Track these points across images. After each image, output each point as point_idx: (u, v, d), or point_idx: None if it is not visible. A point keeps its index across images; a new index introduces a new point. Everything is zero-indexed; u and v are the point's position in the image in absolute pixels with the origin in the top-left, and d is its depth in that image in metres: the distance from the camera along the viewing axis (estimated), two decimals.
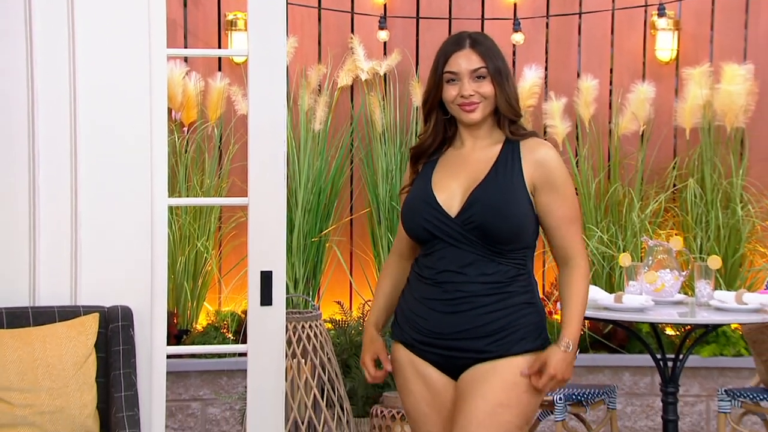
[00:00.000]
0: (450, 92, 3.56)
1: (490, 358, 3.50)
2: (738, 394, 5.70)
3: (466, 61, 3.54)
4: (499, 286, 3.51)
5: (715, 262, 5.66)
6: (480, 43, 3.57)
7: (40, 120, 4.66)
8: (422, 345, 3.58)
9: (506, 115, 3.56)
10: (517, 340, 3.50)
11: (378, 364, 3.76)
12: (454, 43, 3.58)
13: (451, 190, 3.54)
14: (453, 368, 3.56)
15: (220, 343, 6.84)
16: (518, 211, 3.51)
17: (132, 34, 4.70)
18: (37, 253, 4.67)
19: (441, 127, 3.63)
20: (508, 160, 3.55)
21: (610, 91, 7.54)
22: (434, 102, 3.61)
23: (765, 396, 5.65)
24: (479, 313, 3.50)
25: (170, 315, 6.84)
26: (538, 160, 3.54)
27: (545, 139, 3.78)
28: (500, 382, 3.48)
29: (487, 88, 3.54)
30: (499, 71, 3.54)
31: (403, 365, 3.64)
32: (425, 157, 3.64)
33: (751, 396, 5.68)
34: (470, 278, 3.50)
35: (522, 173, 3.53)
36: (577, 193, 7.24)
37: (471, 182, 3.53)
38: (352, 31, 7.44)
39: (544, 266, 7.37)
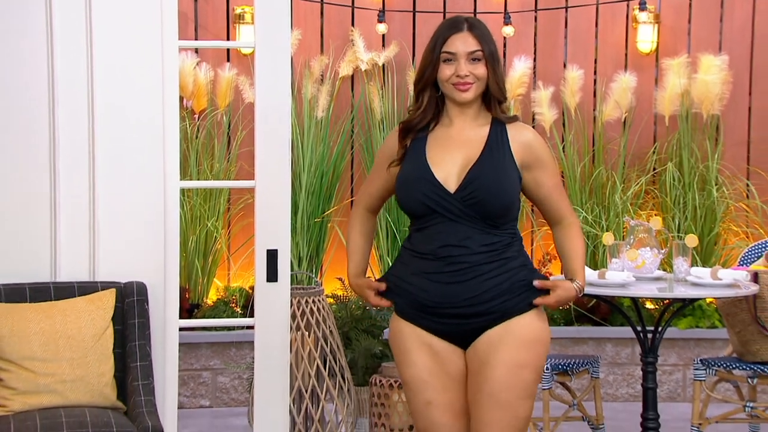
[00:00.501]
0: (446, 72, 3.54)
1: (499, 321, 3.49)
2: (712, 363, 5.71)
3: (463, 43, 3.53)
4: (497, 254, 3.51)
5: (691, 240, 5.66)
6: (477, 27, 3.56)
7: (59, 108, 4.66)
8: (427, 317, 3.54)
9: (496, 97, 3.56)
10: (522, 298, 3.52)
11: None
12: (452, 26, 3.57)
13: (447, 168, 3.53)
14: (462, 336, 3.53)
15: (229, 317, 6.85)
16: (511, 188, 3.52)
17: (145, 26, 4.70)
18: (57, 232, 4.67)
19: (434, 105, 3.60)
20: (498, 140, 3.55)
21: (595, 80, 7.53)
22: (429, 80, 3.58)
23: (737, 365, 5.66)
24: (482, 280, 3.49)
25: (182, 290, 6.85)
26: (525, 142, 3.57)
27: (533, 126, 3.80)
28: (516, 342, 3.49)
29: (481, 70, 3.53)
30: (492, 55, 3.54)
31: (404, 338, 3.59)
32: (413, 132, 3.61)
33: (724, 365, 5.69)
34: (471, 250, 3.49)
35: (512, 153, 3.54)
36: (563, 176, 7.30)
37: (466, 160, 3.52)
38: (353, 24, 7.44)
39: (532, 244, 7.38)
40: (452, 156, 3.55)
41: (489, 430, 3.48)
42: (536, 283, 3.54)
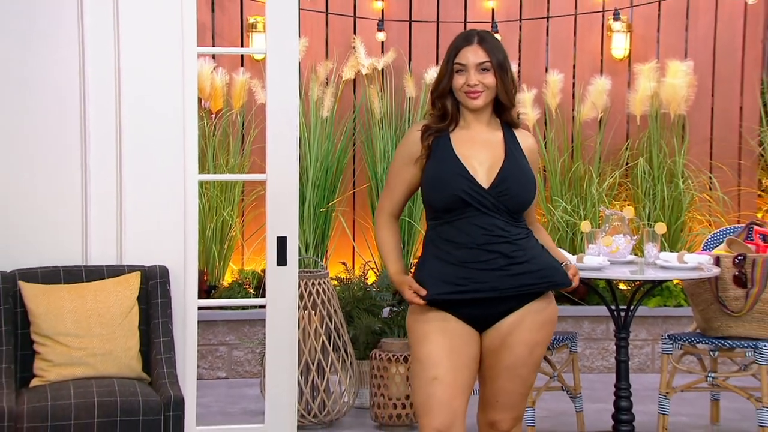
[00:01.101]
0: (458, 81, 3.53)
1: (520, 305, 3.51)
2: (678, 338, 5.72)
3: (473, 55, 3.52)
4: (523, 243, 3.52)
5: (660, 228, 5.67)
6: (486, 40, 3.55)
7: (90, 107, 4.66)
8: (459, 304, 3.50)
9: (504, 103, 3.56)
10: (541, 285, 3.53)
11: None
12: (464, 39, 3.57)
13: (475, 166, 3.51)
14: (485, 319, 3.52)
15: (243, 297, 6.85)
16: (532, 185, 3.56)
17: (167, 34, 4.70)
18: (88, 220, 4.68)
19: (455, 110, 3.58)
20: (513, 144, 3.57)
21: (573, 83, 7.53)
22: (445, 89, 3.57)
23: (701, 339, 5.67)
24: (516, 270, 3.49)
25: (200, 273, 6.86)
26: (530, 147, 3.62)
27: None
28: (533, 325, 3.52)
29: (489, 79, 3.52)
30: (501, 65, 3.53)
31: (428, 319, 3.52)
32: (434, 133, 3.57)
33: (689, 340, 5.70)
34: (505, 239, 3.49)
35: (524, 155, 3.58)
36: (545, 170, 7.31)
37: (493, 159, 3.52)
38: (355, 32, 7.43)
39: None
40: (478, 155, 3.53)
41: (505, 397, 3.54)
42: (571, 273, 3.62)
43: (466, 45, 3.55)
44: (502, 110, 3.59)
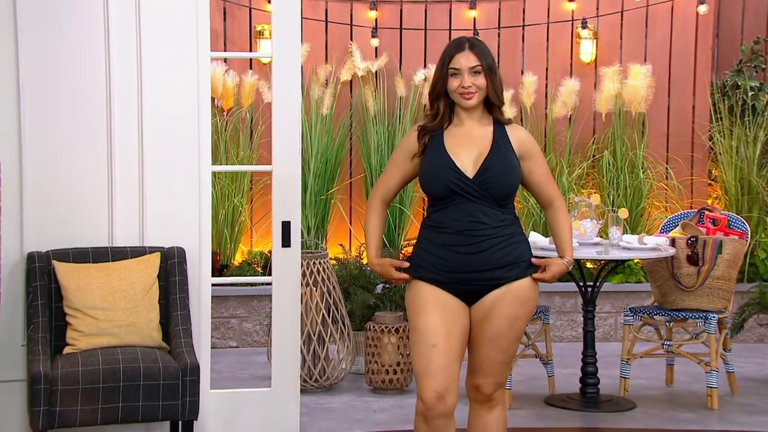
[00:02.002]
0: (453, 83, 3.53)
1: (503, 284, 3.50)
2: (638, 311, 5.74)
3: (466, 59, 3.51)
4: (505, 229, 3.51)
5: (623, 213, 5.68)
6: (476, 46, 3.55)
7: (115, 106, 4.65)
8: (447, 281, 3.50)
9: (494, 102, 3.55)
10: (524, 267, 3.52)
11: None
12: (456, 46, 3.55)
13: (463, 158, 3.51)
14: (471, 295, 3.51)
15: (251, 275, 6.86)
16: (515, 174, 3.53)
17: (184, 40, 4.69)
18: (114, 206, 4.67)
19: (449, 110, 3.58)
20: (501, 138, 3.55)
21: (546, 84, 7.53)
22: (441, 91, 3.56)
23: (658, 312, 5.69)
24: (495, 251, 3.49)
25: (214, 254, 6.86)
26: (520, 138, 3.58)
27: None
28: (516, 299, 3.51)
29: (481, 81, 3.52)
30: (490, 68, 3.53)
31: (423, 295, 3.53)
32: (429, 132, 3.58)
33: (648, 312, 5.72)
34: (488, 225, 3.48)
35: (512, 148, 3.55)
36: None
37: (479, 152, 3.52)
38: (351, 38, 7.42)
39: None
40: (467, 149, 3.53)
41: (488, 364, 3.54)
42: (533, 261, 3.56)
43: (458, 51, 3.54)
44: (492, 108, 3.58)
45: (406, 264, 3.58)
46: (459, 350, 3.52)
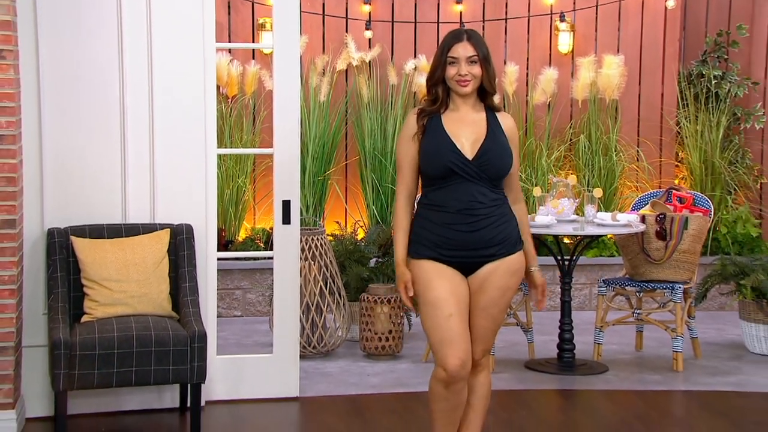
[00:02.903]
0: (450, 71, 3.49)
1: (495, 258, 3.48)
2: (611, 282, 5.76)
3: (463, 49, 3.48)
4: (498, 209, 3.49)
5: (597, 192, 5.69)
6: (473, 37, 3.51)
7: (128, 94, 4.65)
8: (448, 256, 3.47)
9: (487, 90, 3.52)
10: (513, 243, 3.51)
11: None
12: (455, 37, 3.51)
13: (462, 141, 3.47)
14: (468, 268, 3.49)
15: (255, 250, 6.85)
16: (510, 157, 3.51)
17: (191, 32, 4.68)
18: (127, 186, 4.67)
19: (445, 95, 3.54)
20: (494, 123, 3.52)
21: (527, 73, 7.51)
22: (439, 78, 3.52)
23: (629, 283, 5.71)
24: (491, 229, 3.47)
25: (219, 230, 6.85)
26: (509, 126, 3.55)
27: None
28: (507, 272, 3.49)
29: (477, 69, 3.48)
30: (485, 58, 3.50)
31: (428, 272, 3.48)
32: (428, 115, 3.53)
33: (619, 283, 5.74)
34: (485, 204, 3.46)
35: (504, 134, 3.53)
36: None
37: (477, 136, 3.48)
38: (347, 31, 7.39)
39: None
40: (465, 133, 3.49)
41: (478, 332, 3.51)
42: (533, 303, 3.57)
43: (457, 41, 3.50)
44: (486, 95, 3.55)
45: (411, 293, 3.49)
46: (467, 317, 3.51)
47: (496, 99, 3.63)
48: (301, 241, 5.45)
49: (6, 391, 4.27)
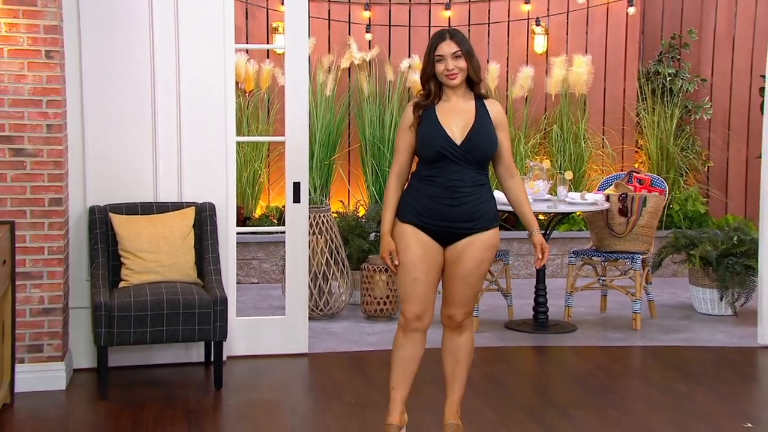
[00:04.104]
0: (439, 67, 3.47)
1: (474, 233, 3.47)
2: (580, 253, 5.78)
3: (448, 47, 3.46)
4: (480, 188, 3.48)
5: (568, 175, 5.70)
6: (456, 35, 3.50)
7: (158, 87, 4.64)
8: (429, 225, 3.47)
9: (474, 80, 3.50)
10: (490, 220, 3.50)
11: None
12: (439, 37, 3.50)
13: (452, 128, 3.46)
14: (446, 238, 3.48)
15: (269, 225, 6.86)
16: (495, 142, 3.49)
17: (213, 35, 4.68)
18: (157, 169, 4.68)
19: (437, 89, 3.52)
20: (482, 110, 3.50)
21: (507, 71, 7.50)
22: (429, 74, 3.50)
23: (595, 254, 5.73)
24: (471, 206, 3.46)
25: (238, 208, 6.86)
26: (496, 111, 3.52)
27: None
28: (483, 246, 3.48)
29: (462, 63, 3.46)
30: (468, 52, 3.48)
31: (407, 235, 3.49)
32: (423, 107, 3.52)
33: (587, 254, 5.76)
34: (467, 183, 3.45)
35: (491, 119, 3.50)
36: None
37: (466, 123, 3.47)
38: (349, 33, 7.37)
39: None
40: (455, 121, 3.47)
41: (459, 298, 3.51)
42: (540, 259, 3.52)
43: (441, 41, 3.49)
44: (473, 85, 3.52)
45: (397, 262, 3.50)
46: (435, 281, 3.52)
47: (484, 88, 3.61)
48: (309, 217, 5.46)
49: (56, 346, 4.31)
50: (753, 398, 4.48)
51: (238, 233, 4.83)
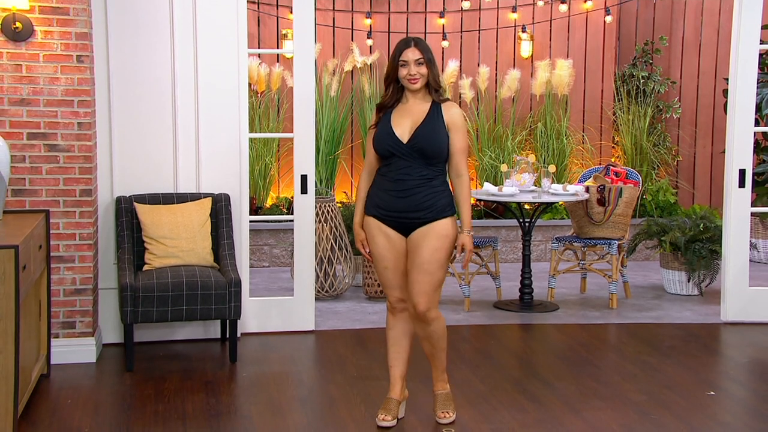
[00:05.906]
0: (402, 72, 3.46)
1: (427, 222, 3.44)
2: (562, 239, 5.78)
3: (412, 53, 3.44)
4: (428, 181, 3.44)
5: (552, 168, 5.69)
6: (419, 43, 3.47)
7: (178, 87, 4.64)
8: (386, 216, 3.47)
9: (433, 86, 3.48)
10: (439, 210, 3.45)
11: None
12: (405, 44, 3.48)
13: (402, 127, 3.45)
14: (404, 228, 3.47)
15: (279, 215, 6.87)
16: (441, 141, 3.44)
17: (228, 41, 4.67)
18: (178, 162, 4.68)
19: (398, 92, 3.51)
20: (435, 112, 3.46)
21: (496, 74, 7.49)
22: (392, 77, 3.49)
23: (576, 240, 5.73)
24: (419, 197, 3.43)
25: (251, 198, 6.87)
26: (451, 113, 3.47)
27: (459, 101, 3.71)
28: (435, 235, 3.43)
29: (423, 70, 3.44)
30: (430, 60, 3.45)
31: (373, 227, 3.50)
32: (385, 109, 3.52)
33: (569, 240, 5.77)
34: (414, 177, 3.43)
35: (443, 120, 3.45)
36: (477, 131, 7.30)
37: (414, 123, 3.45)
38: (352, 39, 7.36)
39: None
40: (405, 121, 3.46)
41: (418, 285, 3.44)
42: (458, 256, 3.45)
43: (407, 47, 3.45)
44: (433, 90, 3.48)
45: (368, 249, 3.51)
46: (403, 268, 3.49)
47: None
48: (315, 207, 5.47)
49: (87, 323, 4.33)
50: (716, 369, 4.50)
51: (250, 221, 4.84)
